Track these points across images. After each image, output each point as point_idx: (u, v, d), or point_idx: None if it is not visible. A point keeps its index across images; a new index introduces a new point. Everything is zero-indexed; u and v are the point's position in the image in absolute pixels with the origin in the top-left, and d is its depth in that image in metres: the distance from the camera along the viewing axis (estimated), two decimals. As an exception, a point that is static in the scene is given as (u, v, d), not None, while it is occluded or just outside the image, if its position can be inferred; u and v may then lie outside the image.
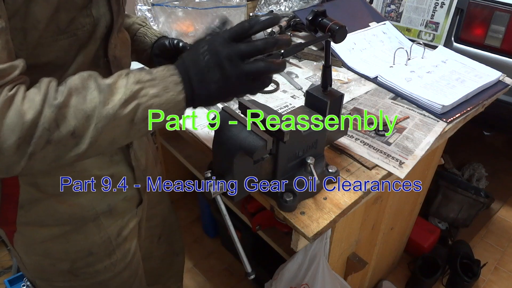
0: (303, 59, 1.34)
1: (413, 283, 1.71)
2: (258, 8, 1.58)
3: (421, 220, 1.82)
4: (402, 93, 1.12)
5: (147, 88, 0.53)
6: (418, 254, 1.78)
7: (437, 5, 1.71)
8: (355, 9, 1.48)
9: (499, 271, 1.81)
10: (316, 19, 0.75)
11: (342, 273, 1.17)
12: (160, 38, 0.90)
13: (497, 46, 1.63)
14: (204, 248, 1.88)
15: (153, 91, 0.53)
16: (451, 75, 1.18)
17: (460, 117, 1.05)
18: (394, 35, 1.42)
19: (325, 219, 0.74)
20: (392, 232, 1.41)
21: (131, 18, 0.93)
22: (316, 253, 0.98)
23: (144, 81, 0.54)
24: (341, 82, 1.19)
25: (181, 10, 1.08)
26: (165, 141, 1.46)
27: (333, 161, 0.89)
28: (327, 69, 0.78)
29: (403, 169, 0.87)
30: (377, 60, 1.29)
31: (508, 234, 1.98)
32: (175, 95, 0.55)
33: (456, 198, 1.85)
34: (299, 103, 1.07)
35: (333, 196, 0.80)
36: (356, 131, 0.98)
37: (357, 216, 1.03)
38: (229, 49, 0.55)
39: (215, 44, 0.55)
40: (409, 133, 0.98)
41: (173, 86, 0.55)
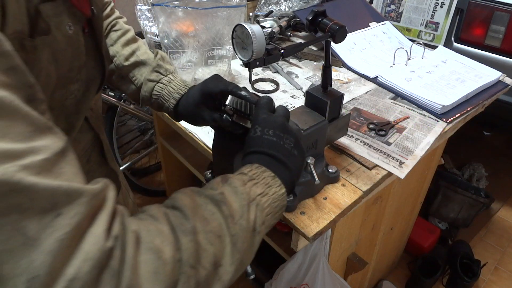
0: (303, 59, 1.34)
1: (413, 283, 1.71)
2: (258, 8, 1.58)
3: (421, 220, 1.82)
4: (402, 93, 1.12)
5: (253, 187, 0.48)
6: (418, 254, 1.78)
7: (437, 5, 1.71)
8: (355, 9, 1.48)
9: (499, 271, 1.81)
10: (316, 19, 0.75)
11: (342, 273, 1.17)
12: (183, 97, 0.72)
13: (497, 46, 1.63)
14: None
15: (258, 190, 0.48)
16: (451, 75, 1.18)
17: (460, 117, 1.05)
18: (394, 35, 1.42)
19: (325, 219, 0.74)
20: (392, 232, 1.41)
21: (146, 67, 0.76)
22: (316, 253, 0.98)
23: (246, 182, 0.48)
24: (341, 82, 1.19)
25: (181, 10, 1.08)
26: (165, 141, 1.45)
27: (333, 161, 0.89)
28: (327, 69, 0.78)
29: (403, 169, 0.87)
30: (377, 60, 1.29)
31: (508, 234, 1.98)
32: (278, 190, 0.50)
33: (456, 198, 1.85)
34: (299, 103, 1.07)
35: (333, 196, 0.80)
36: (356, 131, 0.98)
37: (357, 216, 1.03)
38: (283, 120, 0.55)
39: (275, 124, 0.54)
40: (409, 133, 0.98)
41: (272, 181, 0.50)
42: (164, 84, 0.73)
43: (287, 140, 0.54)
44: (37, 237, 0.31)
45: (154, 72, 0.74)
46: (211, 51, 1.17)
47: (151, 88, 0.74)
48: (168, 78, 0.74)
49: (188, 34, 1.13)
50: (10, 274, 0.30)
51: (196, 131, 0.96)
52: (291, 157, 0.53)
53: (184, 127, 0.99)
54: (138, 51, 0.77)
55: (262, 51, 0.65)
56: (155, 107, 0.75)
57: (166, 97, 0.72)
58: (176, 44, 1.13)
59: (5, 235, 0.30)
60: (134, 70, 0.76)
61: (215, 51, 1.18)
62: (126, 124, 2.15)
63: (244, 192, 0.46)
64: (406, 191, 1.30)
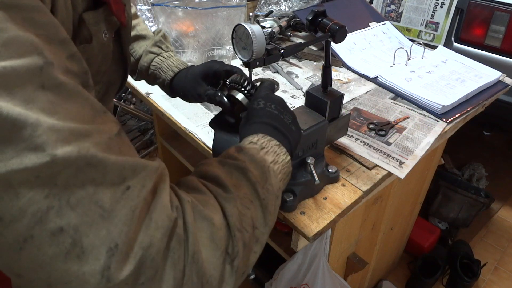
0: (303, 59, 1.34)
1: (413, 283, 1.71)
2: (258, 8, 1.58)
3: (421, 220, 1.82)
4: (402, 93, 1.12)
5: (265, 156, 0.51)
6: (418, 254, 1.78)
7: (437, 5, 1.71)
8: (355, 9, 1.48)
9: (499, 271, 1.81)
10: (316, 19, 0.75)
11: (342, 273, 1.17)
12: (182, 71, 0.76)
13: (497, 46, 1.63)
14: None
15: (270, 158, 0.51)
16: (451, 75, 1.18)
17: (460, 117, 1.05)
18: (394, 35, 1.42)
19: (325, 219, 0.74)
20: (392, 232, 1.41)
21: (146, 40, 0.80)
22: (316, 253, 0.98)
23: (259, 151, 0.51)
24: (341, 82, 1.19)
25: (181, 10, 1.08)
26: (165, 141, 1.45)
27: (333, 161, 0.89)
28: (327, 69, 0.78)
29: (403, 169, 0.86)
30: (377, 60, 1.29)
31: (508, 234, 1.98)
32: (284, 158, 0.53)
33: (456, 198, 1.85)
34: (299, 103, 1.07)
35: (333, 196, 0.80)
36: (356, 131, 0.98)
37: (357, 216, 1.03)
38: (281, 99, 0.59)
39: (276, 101, 0.58)
40: (409, 133, 0.98)
41: (278, 150, 0.53)
42: (164, 58, 0.77)
43: (286, 115, 0.58)
44: (112, 208, 0.33)
45: (155, 46, 0.77)
46: (211, 51, 1.17)
47: (150, 59, 0.77)
48: (169, 54, 0.77)
49: (188, 34, 1.13)
50: (91, 246, 0.32)
51: (196, 131, 0.96)
52: (290, 131, 0.57)
53: (184, 127, 0.99)
54: (138, 26, 0.80)
55: (262, 51, 0.65)
56: (151, 79, 0.78)
57: (164, 69, 0.76)
58: (176, 44, 1.13)
59: (83, 208, 0.32)
60: (134, 44, 0.79)
61: (215, 51, 1.18)
62: (126, 124, 2.15)
63: (262, 160, 0.49)
64: (406, 191, 1.30)
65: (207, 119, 0.99)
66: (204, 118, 1.01)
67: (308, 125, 0.75)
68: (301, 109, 0.82)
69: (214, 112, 1.04)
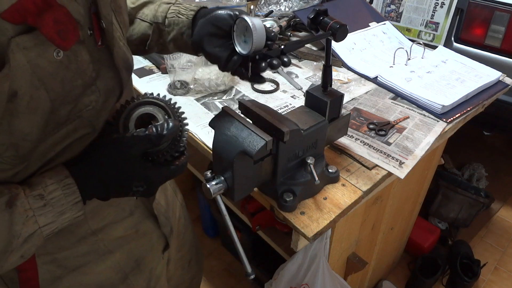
0: (303, 59, 1.34)
1: (413, 283, 1.71)
2: (258, 8, 1.58)
3: (421, 220, 1.82)
4: (402, 93, 1.12)
5: (38, 217, 0.49)
6: (418, 254, 1.78)
7: (437, 5, 1.71)
8: (355, 9, 1.48)
9: (499, 271, 1.81)
10: (318, 17, 0.75)
11: (342, 273, 1.17)
12: (200, 10, 0.74)
13: (497, 46, 1.63)
14: (204, 248, 1.87)
15: (44, 220, 0.50)
16: (451, 75, 1.18)
17: (460, 117, 1.05)
18: (394, 35, 1.42)
19: (325, 219, 0.74)
20: (392, 232, 1.41)
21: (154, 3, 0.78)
22: (316, 253, 0.98)
23: (35, 209, 0.49)
24: (341, 82, 1.19)
25: (181, 10, 1.08)
26: (165, 141, 1.45)
27: (333, 161, 0.89)
28: (328, 68, 0.78)
29: (403, 169, 0.86)
30: (377, 60, 1.29)
31: (508, 234, 1.98)
32: (74, 213, 0.52)
33: (456, 198, 1.85)
34: (299, 103, 1.07)
35: (333, 196, 0.80)
36: (356, 131, 0.98)
37: (357, 216, 1.03)
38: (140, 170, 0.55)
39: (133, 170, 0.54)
40: (409, 133, 0.98)
41: (72, 207, 0.52)
42: (179, 3, 0.76)
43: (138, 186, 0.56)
44: None
45: (165, 3, 0.77)
46: (211, 51, 1.17)
47: (167, 8, 0.75)
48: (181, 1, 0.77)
49: (188, 34, 1.13)
50: None
51: (196, 131, 0.96)
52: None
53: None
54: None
55: (262, 43, 0.64)
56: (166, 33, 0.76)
57: (183, 11, 0.74)
58: (176, 44, 1.13)
59: None
60: (143, 9, 0.78)
61: (215, 51, 1.17)
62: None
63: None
64: (406, 191, 1.30)
65: (207, 119, 0.99)
66: (204, 118, 1.01)
67: (308, 125, 0.75)
68: (301, 109, 0.82)
69: (214, 112, 1.04)
